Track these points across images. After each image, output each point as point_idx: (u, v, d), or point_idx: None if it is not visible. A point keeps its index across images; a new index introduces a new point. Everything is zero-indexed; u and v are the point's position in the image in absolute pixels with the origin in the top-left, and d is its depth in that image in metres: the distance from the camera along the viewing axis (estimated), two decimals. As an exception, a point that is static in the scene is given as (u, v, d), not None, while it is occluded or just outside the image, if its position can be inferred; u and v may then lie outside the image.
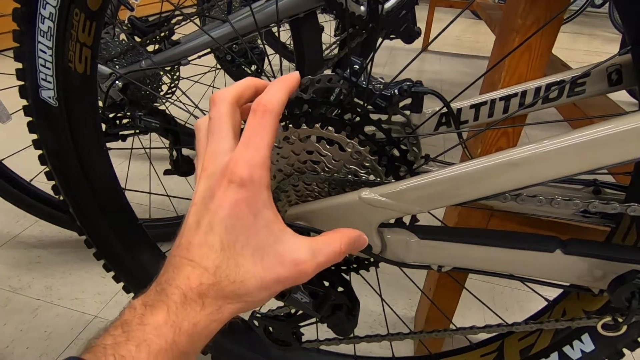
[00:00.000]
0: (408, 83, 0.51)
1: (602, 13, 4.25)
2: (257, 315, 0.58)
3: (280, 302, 0.49)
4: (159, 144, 1.03)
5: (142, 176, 1.35)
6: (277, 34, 1.73)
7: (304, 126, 0.45)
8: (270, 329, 0.59)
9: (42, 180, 0.66)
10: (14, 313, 0.89)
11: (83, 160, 0.60)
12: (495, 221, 0.57)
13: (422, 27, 2.52)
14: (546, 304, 0.56)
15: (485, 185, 0.37)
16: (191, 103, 0.72)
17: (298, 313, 0.57)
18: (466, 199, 0.38)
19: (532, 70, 0.50)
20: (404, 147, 0.45)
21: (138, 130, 0.85)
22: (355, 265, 0.53)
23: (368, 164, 0.45)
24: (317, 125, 0.45)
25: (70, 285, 0.97)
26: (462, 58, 3.00)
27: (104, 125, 0.83)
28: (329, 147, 0.45)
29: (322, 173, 0.46)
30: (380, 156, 0.45)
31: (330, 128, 0.45)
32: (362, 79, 0.51)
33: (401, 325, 0.87)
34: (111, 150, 0.65)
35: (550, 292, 0.52)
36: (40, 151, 0.59)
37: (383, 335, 0.54)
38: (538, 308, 0.57)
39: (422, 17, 2.97)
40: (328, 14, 1.30)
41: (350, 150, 0.45)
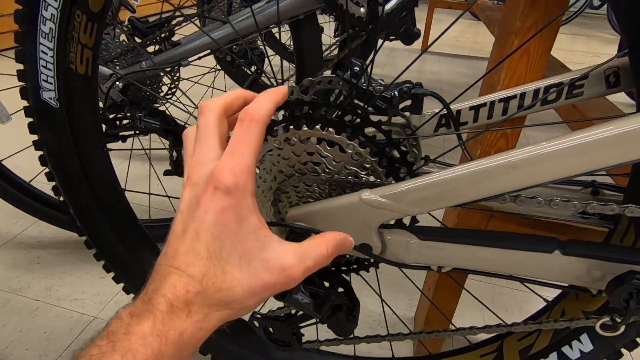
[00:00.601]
0: (408, 85, 0.51)
1: (601, 14, 4.26)
2: (258, 315, 0.58)
3: (280, 303, 0.50)
4: (159, 144, 1.03)
5: (142, 177, 1.35)
6: (279, 35, 1.73)
7: (305, 127, 0.46)
8: (270, 329, 0.59)
9: (42, 181, 0.66)
10: (13, 314, 0.89)
11: (83, 161, 0.60)
12: (494, 222, 0.58)
13: (422, 28, 2.53)
14: (545, 304, 0.56)
15: (485, 187, 0.37)
16: (191, 104, 0.72)
17: (298, 314, 0.58)
18: (466, 200, 0.38)
19: (531, 73, 0.50)
20: (404, 149, 0.46)
21: (138, 131, 0.85)
22: (355, 266, 0.53)
23: (368, 165, 0.45)
24: (318, 127, 0.45)
25: (70, 286, 0.97)
26: (461, 59, 3.01)
27: (104, 126, 0.83)
28: (329, 149, 0.45)
29: (323, 174, 0.46)
30: (381, 157, 0.45)
31: (331, 129, 0.45)
32: (362, 80, 0.51)
33: (401, 326, 0.87)
34: (111, 151, 0.65)
35: (549, 293, 0.52)
36: (40, 152, 0.59)
37: (383, 335, 0.54)
38: (537, 309, 0.58)
39: (422, 18, 2.97)
40: (328, 15, 1.30)
41: (350, 151, 0.45)
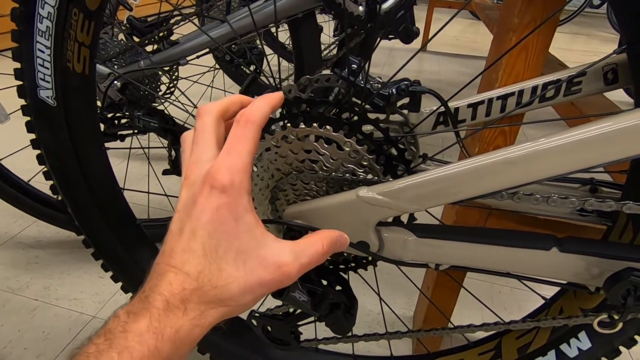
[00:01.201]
0: (406, 82, 0.51)
1: (601, 14, 4.26)
2: (256, 314, 0.58)
3: (278, 302, 0.50)
4: (158, 143, 1.03)
5: (141, 176, 1.35)
6: (276, 34, 1.73)
7: (302, 125, 0.45)
8: (268, 328, 0.59)
9: (40, 181, 0.66)
10: (11, 314, 0.89)
11: (81, 160, 0.60)
12: (492, 220, 0.58)
13: (421, 27, 2.53)
14: (543, 302, 0.56)
15: (482, 183, 0.37)
16: (190, 103, 0.72)
17: (296, 312, 0.58)
18: (463, 197, 0.38)
19: (529, 70, 0.50)
20: (401, 146, 0.45)
21: (136, 131, 0.85)
22: (353, 264, 0.53)
23: (366, 163, 0.45)
24: (315, 125, 0.45)
25: (69, 286, 0.97)
26: (461, 58, 3.01)
27: (102, 125, 0.83)
28: (327, 146, 0.45)
29: (320, 172, 0.46)
30: (378, 155, 0.45)
31: (328, 127, 0.45)
32: (360, 78, 0.51)
33: (400, 325, 0.87)
34: (109, 150, 0.65)
35: (548, 291, 0.52)
36: (38, 151, 0.59)
37: (381, 334, 0.54)
38: (536, 307, 0.58)
39: (421, 17, 2.97)
40: (327, 14, 1.30)
41: (348, 149, 0.45)
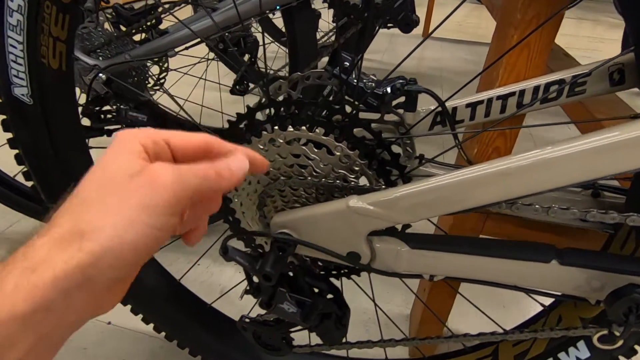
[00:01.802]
0: (401, 81, 0.49)
1: (606, -3, 4.17)
2: (246, 320, 0.57)
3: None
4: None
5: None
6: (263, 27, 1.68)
7: (290, 128, 0.43)
8: (260, 334, 0.58)
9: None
10: None
11: (62, 160, 0.58)
12: (490, 224, 0.56)
13: (422, 13, 2.46)
14: (542, 309, 0.54)
15: (479, 195, 0.35)
16: (181, 96, 0.69)
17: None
18: (459, 209, 0.36)
19: (531, 68, 0.47)
20: (395, 151, 0.43)
21: (124, 125, 0.82)
22: (346, 270, 0.51)
23: (358, 168, 0.43)
24: (304, 127, 0.43)
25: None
26: (464, 45, 2.94)
27: (88, 120, 0.80)
28: (316, 151, 0.43)
29: (310, 178, 0.43)
30: (371, 160, 0.43)
31: (318, 130, 0.42)
32: (354, 76, 0.48)
33: (395, 328, 0.85)
34: (93, 148, 0.62)
35: (546, 298, 0.50)
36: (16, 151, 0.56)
37: (375, 341, 0.53)
38: (535, 305, 0.56)
39: (422, 3, 2.90)
40: (323, 1, 1.26)
41: (338, 153, 0.43)
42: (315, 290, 0.49)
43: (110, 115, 0.82)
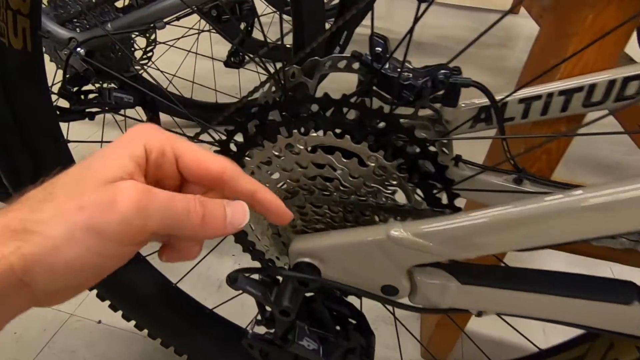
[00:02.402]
0: (444, 71, 0.40)
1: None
2: (252, 337, 0.50)
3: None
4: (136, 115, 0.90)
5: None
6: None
7: (313, 132, 0.35)
8: (267, 351, 0.52)
9: None
10: (-20, 309, 0.81)
11: (34, 153, 0.49)
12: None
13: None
14: (585, 332, 0.48)
15: (564, 231, 0.27)
16: (169, 71, 0.59)
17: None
18: (537, 245, 0.29)
19: (602, 59, 0.39)
20: (440, 161, 0.35)
21: (108, 107, 0.72)
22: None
23: (395, 183, 0.35)
24: (330, 132, 0.34)
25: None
26: (469, 11, 2.78)
27: (67, 102, 0.70)
28: (345, 161, 0.35)
29: (336, 194, 0.36)
30: (411, 172, 0.35)
31: (347, 136, 0.34)
32: (388, 65, 0.39)
33: (410, 323, 0.80)
34: (71, 142, 0.53)
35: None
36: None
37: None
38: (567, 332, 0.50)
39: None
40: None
41: (373, 164, 0.35)
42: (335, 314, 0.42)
43: (92, 95, 0.72)
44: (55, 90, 0.65)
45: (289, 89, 0.41)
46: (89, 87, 0.73)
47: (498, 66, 1.93)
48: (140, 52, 0.87)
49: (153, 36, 0.86)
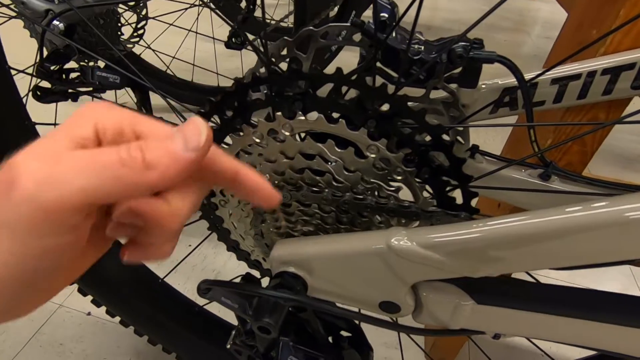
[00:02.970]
0: (464, 44, 0.33)
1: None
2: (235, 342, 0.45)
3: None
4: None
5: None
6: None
7: (301, 116, 0.28)
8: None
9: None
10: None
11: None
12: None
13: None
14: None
15: (608, 249, 0.21)
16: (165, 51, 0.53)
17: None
18: (569, 264, 0.22)
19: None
20: (458, 155, 0.29)
21: (92, 88, 0.67)
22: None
23: (400, 178, 0.29)
24: (322, 116, 0.28)
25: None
26: (484, -7, 2.66)
27: (47, 83, 0.65)
28: (339, 151, 0.29)
29: (327, 190, 0.29)
30: (420, 166, 0.29)
31: (342, 121, 0.28)
32: (394, 35, 0.33)
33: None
34: (40, 124, 0.48)
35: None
36: None
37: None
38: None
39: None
40: None
41: (373, 156, 0.28)
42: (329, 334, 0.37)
43: (74, 75, 0.66)
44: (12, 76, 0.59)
45: (274, 64, 0.35)
46: (71, 65, 0.67)
47: (512, 52, 1.83)
48: (131, 30, 0.81)
49: (144, 11, 0.79)
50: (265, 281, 0.35)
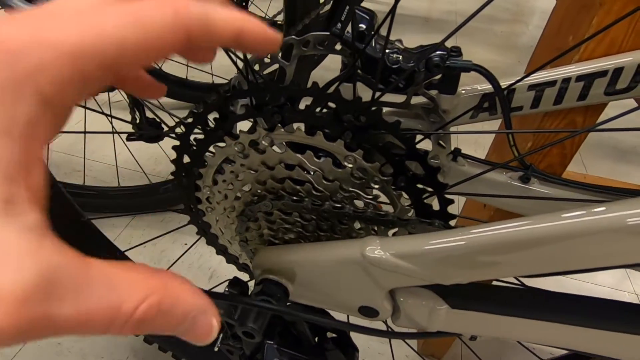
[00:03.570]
0: (441, 53, 0.34)
1: None
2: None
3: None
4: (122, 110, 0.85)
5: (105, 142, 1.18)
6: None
7: (280, 128, 0.29)
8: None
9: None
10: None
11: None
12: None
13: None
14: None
15: (579, 257, 0.22)
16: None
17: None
18: (545, 271, 0.23)
19: (634, 36, 0.32)
20: (433, 162, 0.29)
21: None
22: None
23: (378, 187, 0.30)
24: (301, 128, 0.29)
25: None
26: (480, -15, 2.64)
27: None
28: (317, 161, 0.29)
29: (307, 199, 0.30)
30: (397, 176, 0.30)
31: (320, 133, 0.29)
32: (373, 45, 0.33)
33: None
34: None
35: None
36: None
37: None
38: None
39: None
40: None
41: (350, 166, 0.29)
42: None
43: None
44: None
45: (259, 74, 0.36)
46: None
47: (510, 43, 1.82)
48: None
49: None
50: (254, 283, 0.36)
